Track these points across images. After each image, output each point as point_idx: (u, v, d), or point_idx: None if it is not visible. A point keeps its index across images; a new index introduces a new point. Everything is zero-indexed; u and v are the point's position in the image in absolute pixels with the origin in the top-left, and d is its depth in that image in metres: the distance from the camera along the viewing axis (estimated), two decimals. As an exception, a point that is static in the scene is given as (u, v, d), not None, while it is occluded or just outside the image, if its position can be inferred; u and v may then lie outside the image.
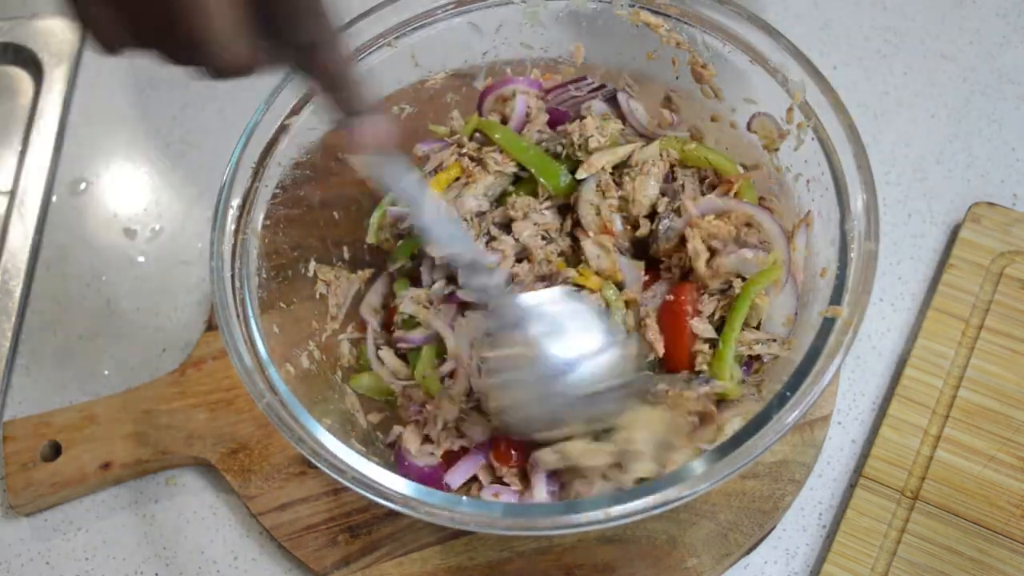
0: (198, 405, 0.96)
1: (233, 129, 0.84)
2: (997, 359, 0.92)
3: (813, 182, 0.81)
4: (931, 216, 1.04)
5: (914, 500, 0.87)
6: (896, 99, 1.12)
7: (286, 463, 0.93)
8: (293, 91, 0.85)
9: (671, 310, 0.84)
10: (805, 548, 0.89)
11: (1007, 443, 0.89)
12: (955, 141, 1.09)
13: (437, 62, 0.93)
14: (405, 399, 0.89)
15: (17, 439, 0.95)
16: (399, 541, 0.89)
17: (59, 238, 1.12)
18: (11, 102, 1.22)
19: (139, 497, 0.96)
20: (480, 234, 0.90)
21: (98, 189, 1.15)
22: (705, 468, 0.67)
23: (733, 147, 0.91)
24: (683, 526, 0.87)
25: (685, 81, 0.90)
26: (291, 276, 0.89)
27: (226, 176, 0.82)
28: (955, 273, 0.97)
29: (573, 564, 0.86)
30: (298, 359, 0.85)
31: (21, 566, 0.94)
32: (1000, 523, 0.85)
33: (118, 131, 1.19)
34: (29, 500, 0.93)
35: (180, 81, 1.21)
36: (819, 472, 0.92)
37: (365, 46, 0.88)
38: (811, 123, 0.79)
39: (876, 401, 0.95)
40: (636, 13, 0.87)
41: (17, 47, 1.23)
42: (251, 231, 0.82)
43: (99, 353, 1.04)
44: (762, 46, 0.82)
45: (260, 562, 0.92)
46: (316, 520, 0.90)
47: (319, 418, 0.74)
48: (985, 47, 1.14)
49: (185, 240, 1.10)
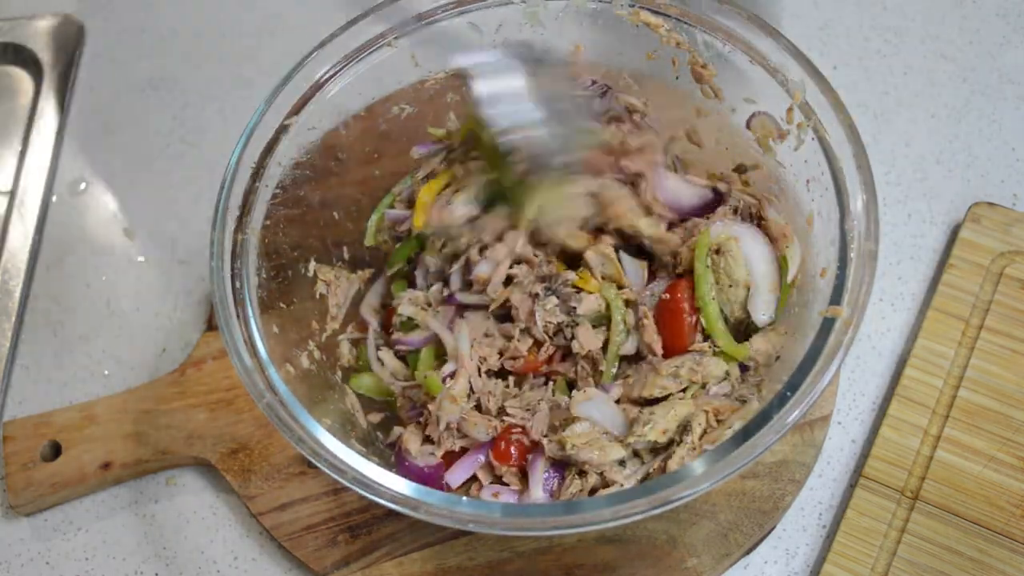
0: (198, 405, 0.96)
1: (233, 129, 0.84)
2: (997, 359, 0.92)
3: (813, 182, 0.81)
4: (931, 216, 1.04)
5: (914, 500, 0.87)
6: (896, 99, 1.12)
7: (286, 463, 0.93)
8: (293, 91, 0.85)
9: (668, 308, 0.84)
10: (805, 548, 0.89)
11: (1007, 443, 0.89)
12: (955, 141, 1.09)
13: (437, 62, 0.93)
14: (405, 400, 0.89)
15: (17, 439, 0.95)
16: (399, 541, 0.89)
17: (59, 238, 1.12)
18: (11, 102, 1.22)
19: (139, 497, 0.96)
20: (472, 242, 0.89)
21: (98, 189, 1.15)
22: (705, 468, 0.67)
23: (733, 146, 0.91)
24: (683, 526, 0.87)
25: (685, 81, 0.90)
26: (291, 276, 0.89)
27: (226, 176, 0.82)
28: (955, 273, 0.97)
29: (573, 564, 0.86)
30: (298, 359, 0.85)
31: (21, 566, 0.94)
32: (1000, 523, 0.85)
33: (118, 131, 1.19)
34: (29, 500, 0.93)
35: (180, 81, 1.21)
36: (819, 472, 0.92)
37: (365, 46, 0.88)
38: (811, 123, 0.79)
39: (876, 401, 0.95)
40: (636, 13, 0.87)
41: (17, 47, 1.23)
42: (251, 231, 0.82)
43: (99, 353, 1.04)
44: (762, 46, 0.82)
45: (260, 562, 0.92)
46: (316, 520, 0.90)
47: (319, 418, 0.74)
48: (985, 47, 1.14)
49: (185, 240, 1.10)
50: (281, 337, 0.83)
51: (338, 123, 0.90)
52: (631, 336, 0.86)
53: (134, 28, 1.26)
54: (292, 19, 1.24)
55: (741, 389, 0.82)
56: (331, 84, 0.87)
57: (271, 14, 1.25)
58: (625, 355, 0.86)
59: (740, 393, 0.82)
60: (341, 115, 0.90)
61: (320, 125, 0.88)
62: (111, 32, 1.26)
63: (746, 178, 0.91)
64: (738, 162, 0.91)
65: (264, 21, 1.25)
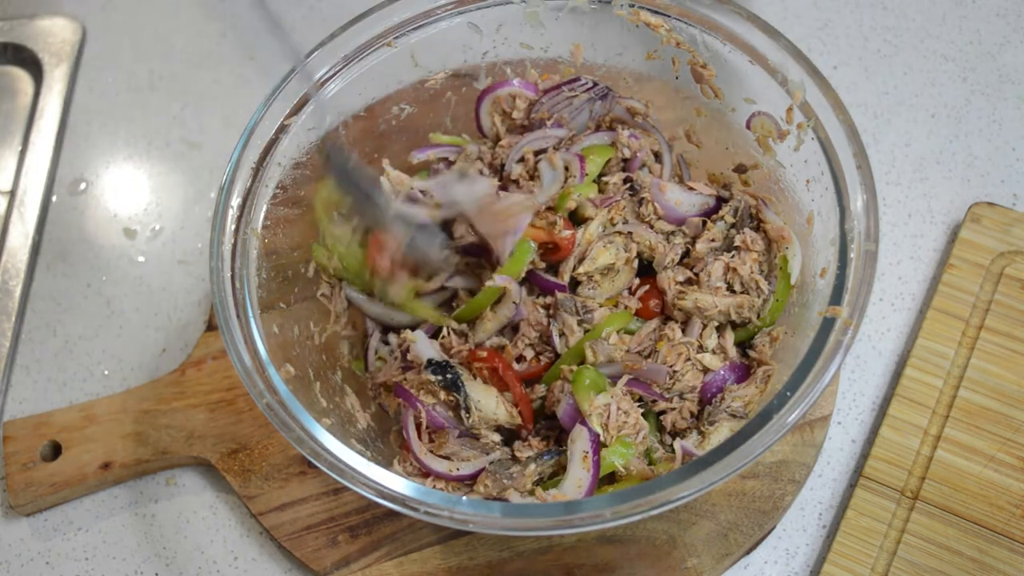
0: (198, 405, 0.96)
1: (233, 129, 0.84)
2: (997, 359, 0.92)
3: (813, 182, 0.81)
4: (931, 216, 1.04)
5: (914, 500, 0.87)
6: (896, 99, 1.12)
7: (286, 463, 0.93)
8: (293, 91, 0.85)
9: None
10: (805, 548, 0.89)
11: (1007, 443, 0.89)
12: (955, 141, 1.09)
13: (437, 62, 0.93)
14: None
15: (17, 439, 0.95)
16: (399, 541, 0.89)
17: (59, 238, 1.12)
18: (11, 102, 1.22)
19: (139, 497, 0.96)
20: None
21: (98, 189, 1.15)
22: (706, 468, 0.67)
23: (733, 146, 0.91)
24: (683, 526, 0.87)
25: (685, 81, 0.90)
26: (291, 276, 0.89)
27: (226, 176, 0.82)
28: (955, 273, 0.97)
29: (573, 564, 0.86)
30: (298, 359, 0.85)
31: (21, 566, 0.94)
32: (1000, 523, 0.85)
33: (118, 131, 1.19)
34: (29, 500, 0.93)
35: (180, 81, 1.21)
36: (819, 472, 0.92)
37: (365, 46, 0.88)
38: (811, 123, 0.79)
39: (876, 401, 0.95)
40: (636, 13, 0.87)
41: (17, 47, 1.23)
42: (251, 231, 0.82)
43: (99, 353, 1.04)
44: (762, 46, 0.82)
45: (260, 562, 0.92)
46: (316, 520, 0.90)
47: (319, 418, 0.74)
48: (985, 47, 1.14)
49: (185, 240, 1.10)
50: (281, 337, 0.83)
51: (338, 123, 0.91)
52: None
53: (134, 28, 1.26)
54: (292, 19, 1.24)
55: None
56: (331, 84, 0.87)
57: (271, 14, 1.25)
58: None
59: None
60: (341, 115, 0.90)
61: (320, 125, 0.88)
62: (111, 32, 1.26)
63: (746, 178, 0.91)
64: (738, 162, 0.91)
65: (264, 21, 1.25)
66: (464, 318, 0.90)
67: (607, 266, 0.88)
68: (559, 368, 0.86)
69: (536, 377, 0.88)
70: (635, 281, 0.90)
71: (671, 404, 0.85)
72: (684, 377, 0.84)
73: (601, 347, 0.84)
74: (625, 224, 0.90)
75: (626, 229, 0.89)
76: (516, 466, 0.82)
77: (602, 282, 0.88)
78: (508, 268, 0.86)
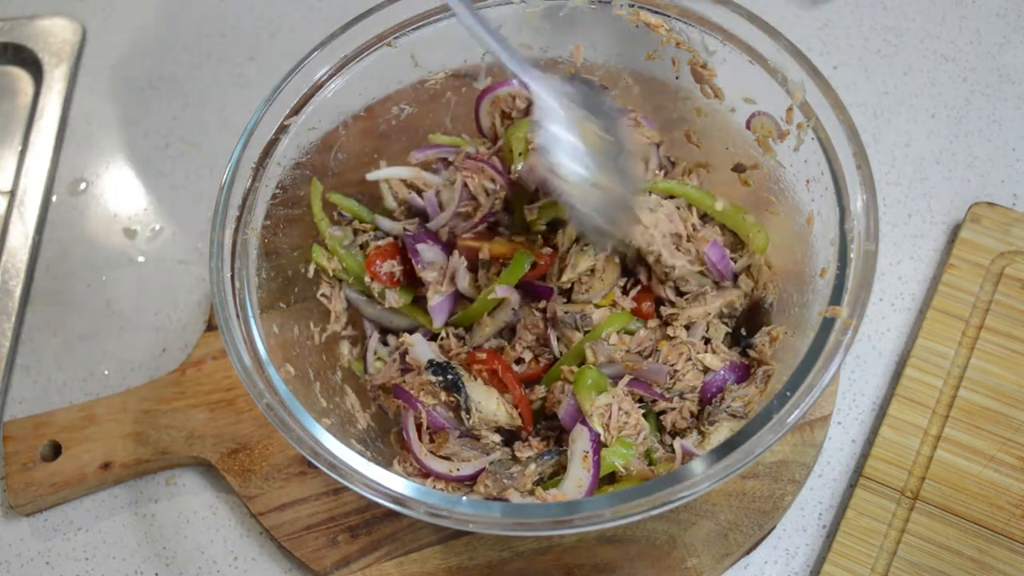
0: (198, 405, 0.96)
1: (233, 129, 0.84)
2: (997, 359, 0.92)
3: (813, 182, 0.81)
4: (931, 216, 1.04)
5: (914, 500, 0.87)
6: (896, 99, 1.12)
7: (286, 463, 0.93)
8: (293, 91, 0.85)
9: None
10: (805, 548, 0.89)
11: (1007, 443, 0.89)
12: (955, 141, 1.09)
13: (437, 62, 0.93)
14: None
15: (17, 439, 0.95)
16: (399, 541, 0.89)
17: (59, 238, 1.12)
18: (11, 102, 1.22)
19: (139, 497, 0.96)
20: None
21: (98, 189, 1.15)
22: (705, 468, 0.67)
23: (733, 146, 0.91)
24: (683, 526, 0.87)
25: (685, 81, 0.90)
26: (291, 276, 0.89)
27: (226, 176, 0.82)
28: (955, 273, 0.97)
29: (573, 564, 0.86)
30: (298, 359, 0.85)
31: (21, 566, 0.94)
32: (1000, 523, 0.85)
33: (118, 131, 1.19)
34: (29, 500, 0.93)
35: (180, 81, 1.21)
36: (819, 472, 0.92)
37: (365, 46, 0.88)
38: (811, 123, 0.79)
39: (876, 401, 0.95)
40: (636, 13, 0.87)
41: (17, 47, 1.23)
42: (251, 231, 0.82)
43: (99, 353, 1.04)
44: (762, 46, 0.82)
45: (260, 562, 0.92)
46: (316, 520, 0.90)
47: (319, 418, 0.74)
48: (985, 47, 1.14)
49: (185, 240, 1.10)
50: (281, 337, 0.83)
51: (338, 123, 0.90)
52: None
53: (134, 28, 1.26)
54: (292, 19, 1.24)
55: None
56: (331, 84, 0.87)
57: (271, 14, 1.25)
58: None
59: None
60: (341, 115, 0.90)
61: (320, 125, 0.88)
62: (111, 32, 1.26)
63: (746, 178, 0.91)
64: (738, 162, 0.91)
65: (264, 21, 1.25)
66: (462, 324, 0.91)
67: (589, 268, 0.88)
68: (559, 369, 0.86)
69: (535, 378, 0.88)
70: (624, 280, 0.90)
71: (671, 404, 0.85)
72: (685, 377, 0.85)
73: (601, 348, 0.84)
74: None
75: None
76: (516, 466, 0.82)
77: (591, 282, 0.88)
78: (506, 277, 0.87)
